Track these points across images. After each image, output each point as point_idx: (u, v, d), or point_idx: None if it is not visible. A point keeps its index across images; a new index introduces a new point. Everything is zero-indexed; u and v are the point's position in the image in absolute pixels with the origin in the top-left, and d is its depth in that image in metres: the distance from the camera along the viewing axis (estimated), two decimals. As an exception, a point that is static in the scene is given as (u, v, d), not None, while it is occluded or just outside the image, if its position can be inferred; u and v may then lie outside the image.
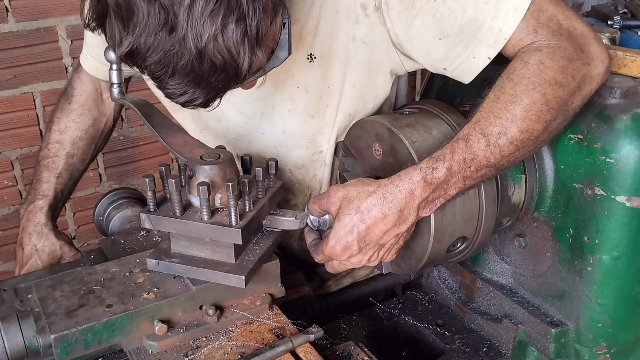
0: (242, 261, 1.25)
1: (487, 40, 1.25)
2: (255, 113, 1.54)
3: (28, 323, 1.20)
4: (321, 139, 1.54)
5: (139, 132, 2.96)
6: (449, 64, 1.31)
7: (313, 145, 1.55)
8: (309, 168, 1.59)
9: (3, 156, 2.73)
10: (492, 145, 1.15)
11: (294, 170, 1.60)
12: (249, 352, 1.20)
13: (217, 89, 1.10)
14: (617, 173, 1.20)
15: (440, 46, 1.29)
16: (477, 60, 1.27)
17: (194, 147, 1.29)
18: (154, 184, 1.23)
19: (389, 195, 1.17)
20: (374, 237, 1.19)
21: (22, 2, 2.57)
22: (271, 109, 1.52)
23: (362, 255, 1.22)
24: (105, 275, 1.29)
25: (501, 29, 1.23)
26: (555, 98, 1.16)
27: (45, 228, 1.69)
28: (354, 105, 1.47)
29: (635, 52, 1.28)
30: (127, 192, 1.77)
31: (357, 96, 1.46)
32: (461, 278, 1.57)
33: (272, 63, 1.21)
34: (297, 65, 1.44)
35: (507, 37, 1.23)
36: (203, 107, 1.14)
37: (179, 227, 1.23)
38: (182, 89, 1.08)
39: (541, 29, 1.22)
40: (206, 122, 1.62)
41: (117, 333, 1.19)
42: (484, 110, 1.18)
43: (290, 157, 1.58)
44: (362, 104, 1.48)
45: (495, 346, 1.46)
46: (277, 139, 1.56)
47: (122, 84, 1.28)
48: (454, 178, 1.16)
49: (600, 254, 1.26)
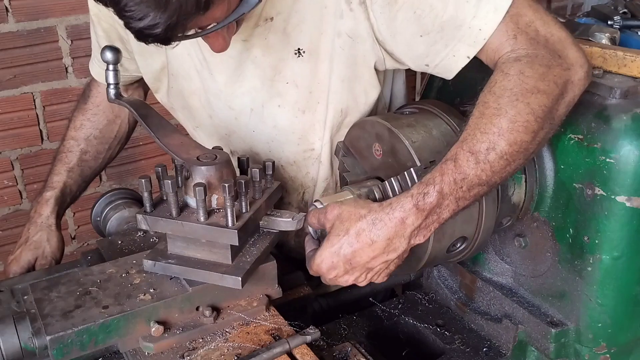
0: (238, 262, 1.25)
1: (467, 39, 1.25)
2: (244, 109, 1.54)
3: (24, 324, 1.19)
4: (313, 135, 1.53)
5: (139, 132, 2.94)
6: (430, 61, 1.31)
7: (304, 141, 1.54)
8: (301, 165, 1.59)
9: (3, 156, 2.73)
10: (481, 162, 1.13)
11: (287, 167, 1.60)
12: (246, 353, 1.20)
13: (177, 14, 1.05)
14: (617, 173, 1.20)
15: (421, 43, 1.30)
16: (456, 59, 1.28)
17: (191, 147, 1.28)
18: (150, 184, 1.23)
19: (379, 223, 1.16)
20: (360, 260, 1.18)
21: (22, 2, 2.57)
22: (260, 105, 1.52)
23: (348, 276, 1.21)
24: (101, 276, 1.29)
25: (481, 28, 1.23)
26: (540, 106, 1.14)
27: (45, 221, 1.70)
28: (344, 100, 1.47)
29: (635, 52, 1.28)
30: (124, 192, 1.77)
31: (346, 91, 1.46)
32: (461, 278, 1.57)
33: (241, 9, 1.18)
34: (285, 61, 1.44)
35: (487, 37, 1.23)
36: (163, 40, 1.10)
37: (175, 228, 1.23)
38: (141, 11, 1.04)
39: (520, 35, 1.21)
40: (198, 120, 1.63)
41: (114, 334, 1.19)
42: (469, 127, 1.16)
43: (282, 153, 1.58)
44: (353, 99, 1.47)
45: (495, 346, 1.46)
46: (268, 135, 1.56)
47: (118, 85, 1.28)
48: (446, 201, 1.14)
49: (600, 254, 1.26)
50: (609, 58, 1.30)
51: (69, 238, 2.99)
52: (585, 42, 1.36)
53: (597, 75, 1.27)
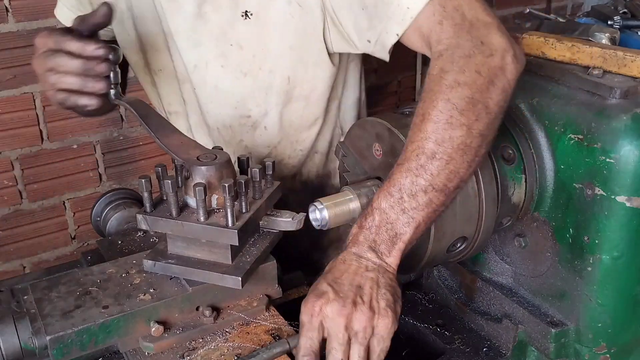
0: (238, 262, 1.25)
1: (396, 16, 1.27)
2: (188, 64, 1.57)
3: (24, 324, 1.19)
4: (251, 101, 1.55)
5: (139, 132, 2.96)
6: (371, 36, 1.34)
7: (242, 106, 1.56)
8: (236, 132, 1.61)
9: (3, 156, 2.73)
10: (413, 168, 1.13)
11: (222, 130, 1.63)
12: (246, 353, 1.20)
13: None
14: (617, 173, 1.19)
15: (363, 17, 1.33)
16: (388, 36, 1.30)
17: (191, 147, 1.28)
18: (150, 184, 1.23)
19: (343, 245, 1.18)
20: (343, 276, 1.14)
21: (22, 2, 2.57)
22: (204, 63, 1.54)
23: (342, 300, 1.09)
24: (101, 276, 1.29)
25: (409, 6, 1.25)
26: (462, 99, 1.13)
27: None
28: (292, 67, 1.48)
29: (635, 52, 1.27)
30: (124, 192, 1.77)
31: (296, 59, 1.48)
32: (461, 278, 1.57)
33: None
34: (230, 23, 1.46)
35: (414, 16, 1.25)
36: None
37: (175, 228, 1.23)
38: None
39: (445, 20, 1.22)
40: (160, 64, 1.66)
41: (114, 334, 1.19)
42: (404, 143, 1.17)
43: (219, 115, 1.60)
44: (303, 68, 1.49)
45: (495, 346, 1.46)
46: (209, 95, 1.58)
47: (118, 85, 1.28)
48: (391, 215, 1.14)
49: (600, 254, 1.25)
50: (609, 58, 1.29)
51: (69, 238, 3.00)
52: (585, 42, 1.36)
53: (597, 75, 1.27)
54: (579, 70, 1.31)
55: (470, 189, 1.25)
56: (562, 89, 1.31)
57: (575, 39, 1.39)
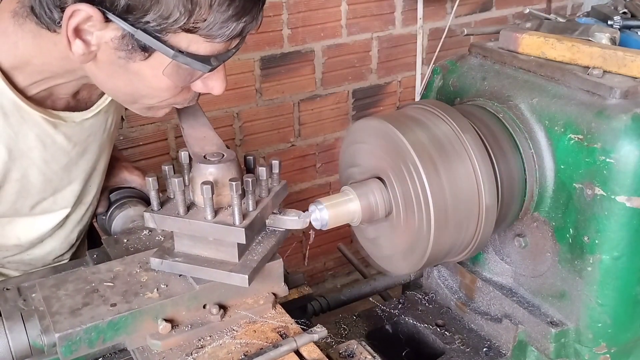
0: (245, 260, 1.26)
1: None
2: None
3: (32, 322, 1.20)
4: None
5: (139, 132, 2.96)
6: None
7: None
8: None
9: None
10: None
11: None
12: (253, 351, 1.21)
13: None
14: (617, 173, 1.20)
15: None
16: None
17: (208, 144, 1.29)
18: (157, 183, 1.24)
19: None
20: None
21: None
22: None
23: None
24: (109, 274, 1.29)
25: None
26: None
27: None
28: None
29: (635, 52, 1.28)
30: (129, 191, 1.77)
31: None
32: (461, 278, 1.58)
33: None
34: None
35: None
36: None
37: (182, 227, 1.24)
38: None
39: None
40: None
41: (121, 332, 1.20)
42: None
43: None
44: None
45: (495, 346, 1.47)
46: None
47: None
48: None
49: (600, 254, 1.26)
50: (608, 58, 1.30)
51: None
52: (585, 42, 1.37)
53: (597, 75, 1.28)
54: (579, 70, 1.33)
55: (470, 188, 1.25)
56: (562, 89, 1.32)
57: (575, 39, 1.40)
